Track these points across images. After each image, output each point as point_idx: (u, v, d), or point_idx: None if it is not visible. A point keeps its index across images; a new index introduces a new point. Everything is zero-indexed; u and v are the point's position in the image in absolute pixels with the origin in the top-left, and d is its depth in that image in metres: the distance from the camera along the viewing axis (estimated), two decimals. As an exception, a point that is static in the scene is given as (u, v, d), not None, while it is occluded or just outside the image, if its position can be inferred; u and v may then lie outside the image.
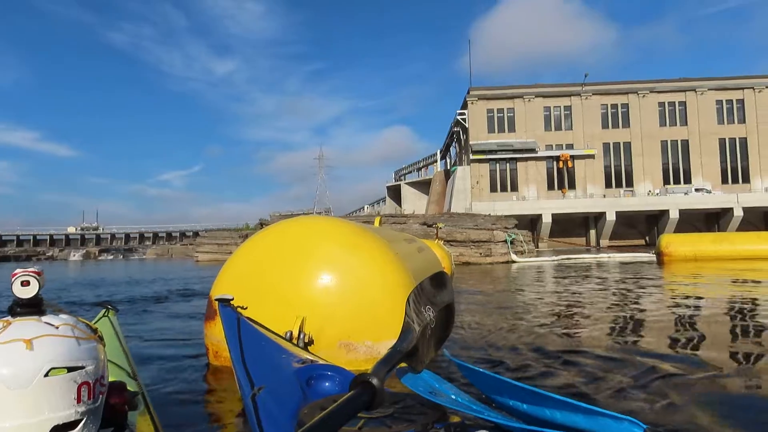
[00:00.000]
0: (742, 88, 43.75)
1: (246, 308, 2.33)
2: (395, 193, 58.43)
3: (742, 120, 43.55)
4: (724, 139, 43.55)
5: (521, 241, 14.68)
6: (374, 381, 1.01)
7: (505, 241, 14.07)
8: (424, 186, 54.27)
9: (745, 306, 5.32)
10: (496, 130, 44.16)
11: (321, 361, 1.71)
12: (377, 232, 3.44)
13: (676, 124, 43.90)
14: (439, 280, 2.01)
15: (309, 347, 2.71)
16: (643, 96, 43.90)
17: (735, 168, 43.41)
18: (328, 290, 2.80)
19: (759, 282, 7.65)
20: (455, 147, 53.30)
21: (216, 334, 2.85)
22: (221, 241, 28.68)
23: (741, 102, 43.70)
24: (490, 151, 42.84)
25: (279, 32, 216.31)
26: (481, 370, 1.31)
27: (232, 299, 2.24)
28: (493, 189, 43.18)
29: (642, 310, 5.10)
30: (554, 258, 16.17)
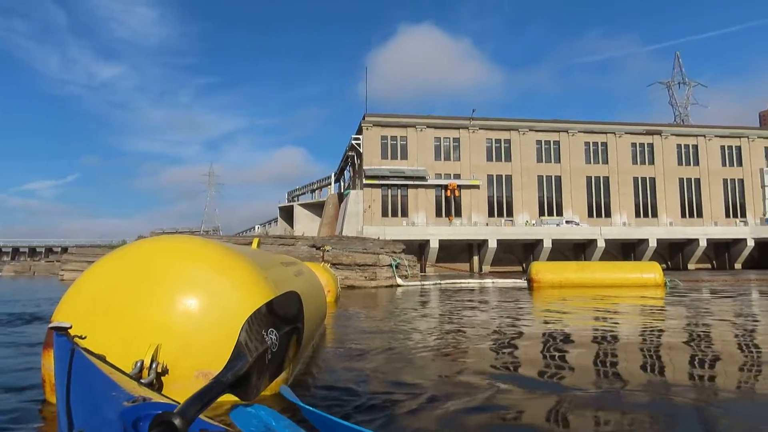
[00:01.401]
0: (606, 133, 49.01)
1: (84, 338, 2.11)
2: (288, 214, 57.66)
3: (606, 161, 48.65)
4: (591, 177, 48.32)
5: (406, 266, 15.05)
6: (176, 421, 0.90)
7: (390, 265, 14.35)
8: (317, 208, 54.13)
9: (604, 331, 5.79)
10: (389, 157, 45.38)
11: (157, 399, 1.57)
12: (249, 255, 3.31)
13: (551, 161, 47.97)
14: (286, 301, 1.97)
15: (162, 378, 2.51)
16: (523, 133, 47.56)
17: (599, 203, 48.20)
18: (187, 315, 2.62)
19: (616, 306, 8.44)
20: (349, 171, 53.90)
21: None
22: (92, 259, 26.39)
23: (605, 145, 48.88)
24: (383, 177, 43.86)
25: (172, 41, 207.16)
26: (314, 410, 1.27)
27: (70, 327, 2.02)
28: (384, 214, 44.09)
29: (511, 334, 5.37)
30: (439, 282, 16.75)
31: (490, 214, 46.15)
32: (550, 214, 46.81)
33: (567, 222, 45.33)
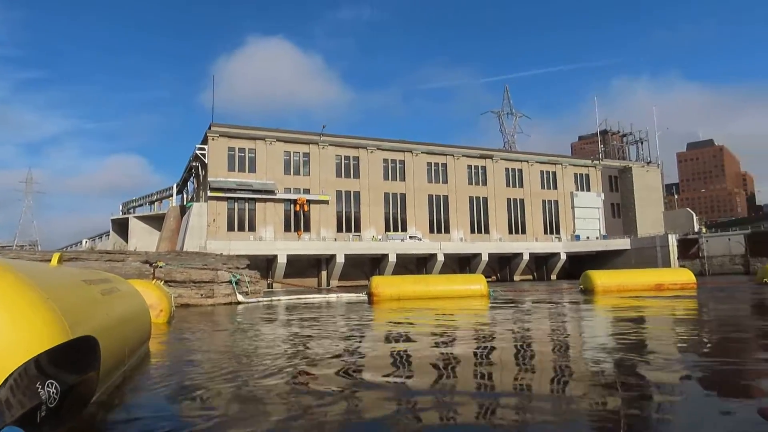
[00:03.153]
0: (446, 155, 52.81)
1: None
2: (122, 228, 52.74)
3: (446, 181, 52.31)
4: (432, 195, 51.56)
5: (246, 282, 14.58)
6: None
7: (230, 282, 13.80)
8: (156, 221, 50.32)
9: (445, 342, 6.12)
10: (237, 169, 43.95)
11: None
12: (35, 274, 2.91)
13: (396, 179, 50.28)
14: (77, 347, 1.71)
15: None
16: (371, 152, 49.27)
17: (439, 220, 51.56)
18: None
19: (453, 319, 9.02)
20: (193, 182, 51.12)
21: None
22: None
23: (445, 166, 52.58)
24: (229, 189, 42.29)
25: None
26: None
27: None
28: (230, 228, 42.45)
29: (352, 350, 5.45)
30: (281, 298, 16.50)
31: (339, 229, 46.87)
32: (396, 229, 48.93)
33: (411, 237, 47.73)
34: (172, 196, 53.77)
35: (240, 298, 13.66)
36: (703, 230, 54.56)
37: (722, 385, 3.35)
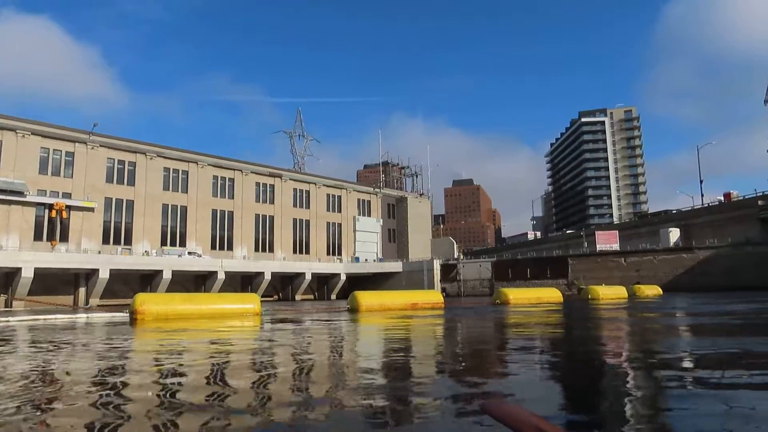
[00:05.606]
0: (233, 169, 51.51)
1: None
2: None
3: (232, 196, 50.89)
4: (216, 210, 49.60)
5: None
6: None
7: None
8: None
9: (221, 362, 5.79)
10: (-28, 163, 36.43)
11: None
12: None
13: (178, 190, 47.18)
14: None
15: None
16: (151, 159, 45.49)
17: (222, 236, 49.74)
18: None
19: (228, 343, 8.63)
20: None
21: None
22: None
23: (232, 181, 51.19)
24: (-41, 186, 34.75)
25: None
26: None
27: None
28: (-44, 233, 34.78)
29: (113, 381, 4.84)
30: (14, 319, 14.03)
31: (105, 240, 41.93)
32: (173, 244, 45.69)
33: (190, 253, 45.00)
34: None
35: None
36: (461, 257, 62.58)
37: (460, 384, 3.86)
